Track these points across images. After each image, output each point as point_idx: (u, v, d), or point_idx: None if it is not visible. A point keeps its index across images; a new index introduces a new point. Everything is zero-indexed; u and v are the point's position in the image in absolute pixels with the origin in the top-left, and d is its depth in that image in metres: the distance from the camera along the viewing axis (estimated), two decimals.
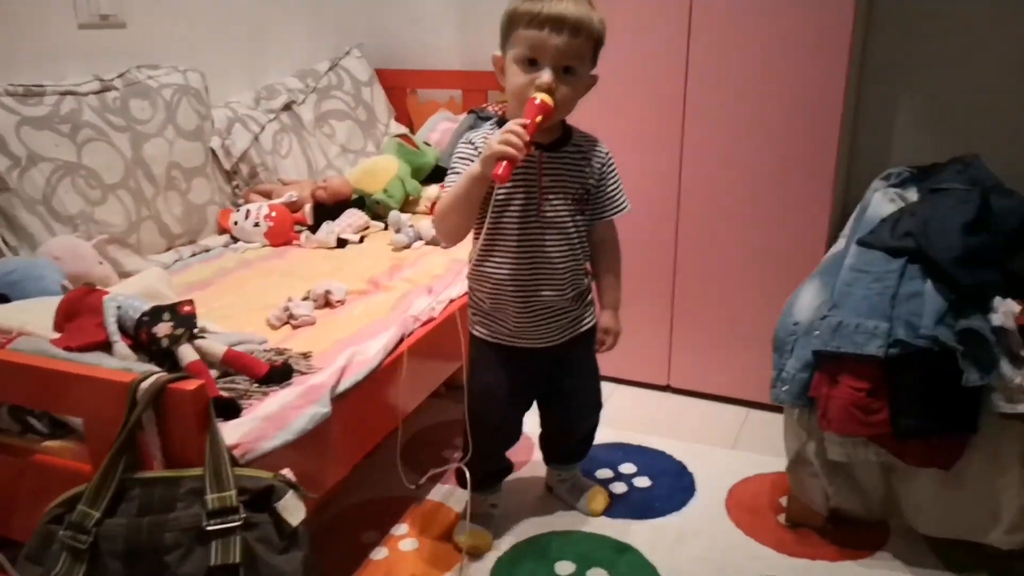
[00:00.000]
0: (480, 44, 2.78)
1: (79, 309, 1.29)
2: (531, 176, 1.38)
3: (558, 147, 1.41)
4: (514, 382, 1.50)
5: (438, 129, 2.69)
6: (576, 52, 1.30)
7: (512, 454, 1.64)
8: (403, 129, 2.82)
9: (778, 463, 1.76)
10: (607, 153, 1.46)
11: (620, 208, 1.48)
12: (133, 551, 0.97)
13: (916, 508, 1.49)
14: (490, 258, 1.42)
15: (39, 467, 1.16)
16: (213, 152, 2.21)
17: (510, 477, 1.69)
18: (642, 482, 1.77)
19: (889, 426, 1.38)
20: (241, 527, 0.98)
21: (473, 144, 1.39)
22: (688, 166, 2.02)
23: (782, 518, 1.64)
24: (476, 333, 1.51)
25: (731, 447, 1.93)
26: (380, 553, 1.56)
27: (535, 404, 1.62)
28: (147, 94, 2.02)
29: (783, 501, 1.67)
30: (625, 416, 2.07)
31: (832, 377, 1.42)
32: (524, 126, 1.24)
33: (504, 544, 1.57)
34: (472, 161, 1.34)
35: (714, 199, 2.02)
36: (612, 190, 1.46)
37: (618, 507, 1.68)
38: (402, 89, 2.91)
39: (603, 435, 1.94)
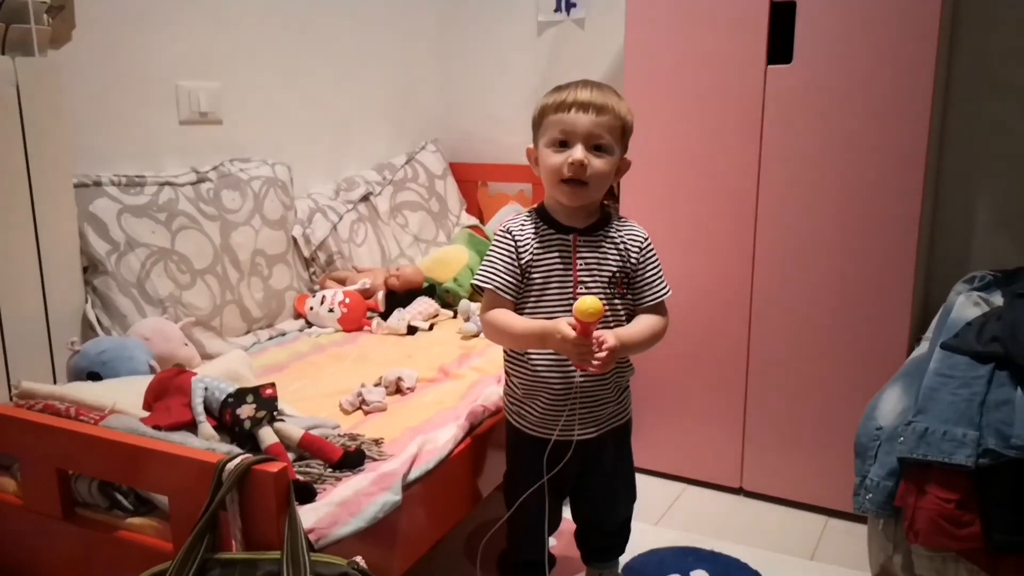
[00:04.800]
0: None
1: (168, 389, 1.34)
2: (567, 259, 1.41)
3: (593, 230, 1.43)
4: (548, 474, 1.44)
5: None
6: (604, 128, 1.36)
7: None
8: (474, 220, 2.90)
9: None
10: (646, 238, 1.46)
11: (661, 294, 1.46)
12: None
13: None
14: None
15: (123, 543, 1.18)
16: (294, 240, 2.31)
17: None
18: None
19: (981, 540, 1.31)
20: None
21: (511, 233, 1.42)
22: (761, 263, 2.02)
23: None
24: (511, 421, 1.51)
25: (810, 557, 1.84)
26: None
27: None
28: (238, 185, 2.14)
29: None
30: (696, 519, 2.01)
31: (919, 486, 1.36)
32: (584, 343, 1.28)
33: None
34: (510, 254, 1.40)
35: (789, 297, 2.00)
36: (651, 276, 1.45)
37: None
38: (473, 182, 3.01)
39: (672, 538, 1.89)
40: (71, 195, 1.74)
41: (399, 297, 2.28)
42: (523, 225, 1.43)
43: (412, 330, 2.14)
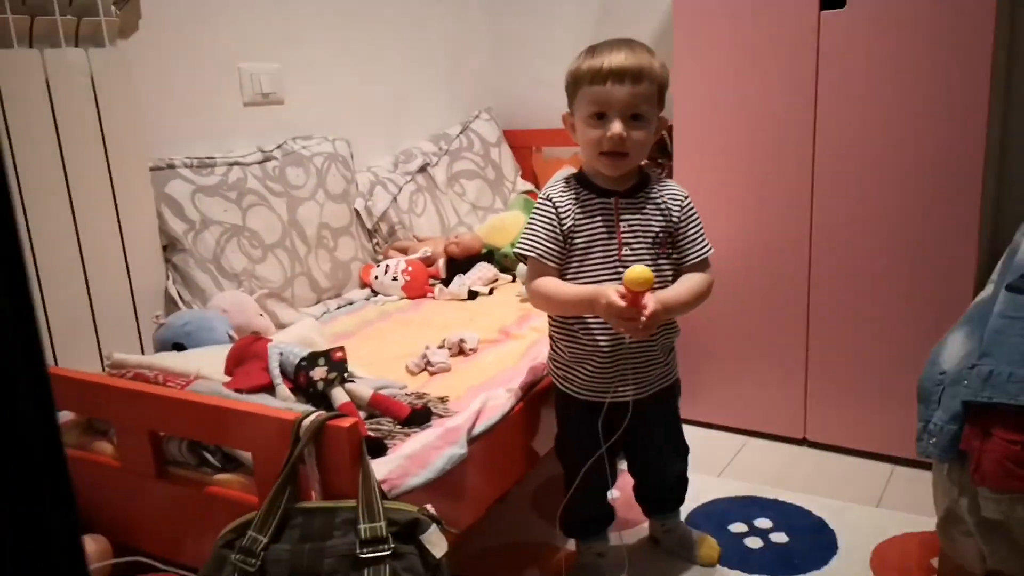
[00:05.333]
0: None
1: (246, 355, 1.42)
2: (610, 222, 1.41)
3: (634, 192, 1.43)
4: (594, 435, 1.43)
5: None
6: (642, 99, 1.35)
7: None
8: (529, 186, 2.93)
9: (927, 522, 1.67)
10: (686, 197, 1.46)
11: (704, 252, 1.45)
12: (296, 574, 1.05)
13: None
14: None
15: (211, 498, 1.28)
16: (357, 213, 2.39)
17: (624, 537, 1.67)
18: (779, 538, 1.72)
19: None
20: (390, 556, 1.05)
21: (551, 200, 1.43)
22: (821, 207, 1.99)
23: None
24: (557, 385, 1.52)
25: (875, 504, 1.84)
26: None
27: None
28: (301, 162, 2.22)
29: (934, 562, 1.58)
30: (758, 470, 2.02)
31: (984, 429, 1.35)
32: (632, 312, 1.28)
33: None
34: (551, 220, 1.40)
35: (850, 243, 1.97)
36: (693, 234, 1.44)
37: (754, 563, 1.64)
38: (527, 148, 3.03)
39: (735, 488, 1.91)
40: (147, 178, 1.84)
41: (459, 264, 2.34)
42: (563, 191, 1.43)
43: (473, 295, 2.20)
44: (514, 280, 2.32)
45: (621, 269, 1.37)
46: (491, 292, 2.23)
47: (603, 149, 1.36)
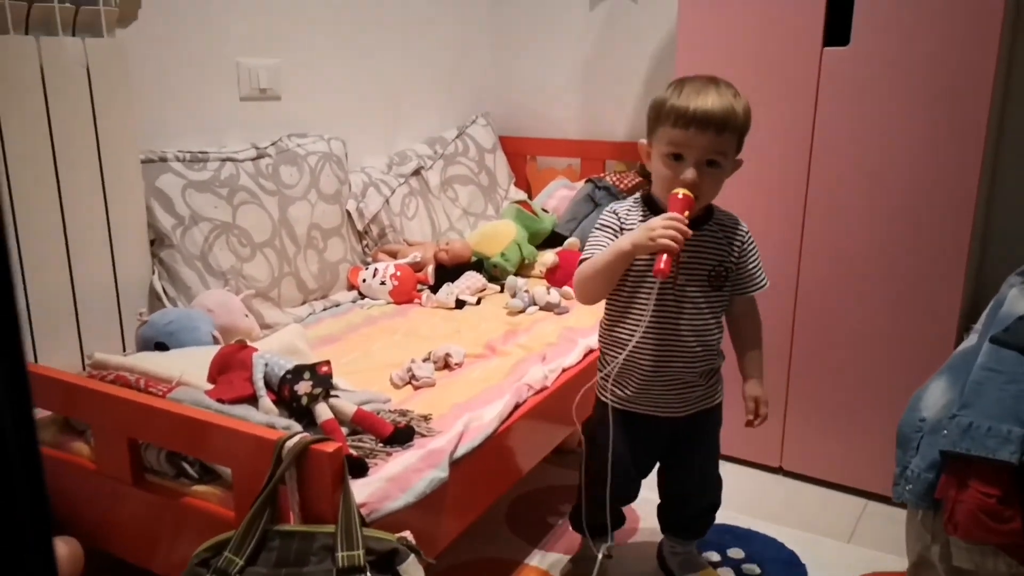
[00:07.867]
0: (599, 115, 2.87)
1: (231, 364, 1.41)
2: None
3: (699, 225, 1.44)
4: (634, 448, 1.52)
5: (556, 196, 2.78)
6: (721, 147, 1.35)
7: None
8: (522, 195, 2.92)
9: (897, 562, 1.69)
10: (747, 232, 1.50)
11: (759, 285, 1.50)
12: None
13: None
14: (622, 324, 1.47)
15: (188, 509, 1.27)
16: (348, 214, 2.37)
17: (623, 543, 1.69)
18: (751, 569, 1.73)
19: (1022, 535, 1.31)
20: None
21: (617, 215, 1.46)
22: (809, 245, 2.00)
23: None
24: (600, 395, 1.54)
25: (847, 540, 1.86)
26: None
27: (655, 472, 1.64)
28: (295, 161, 2.20)
29: None
30: (734, 497, 2.02)
31: (960, 480, 1.36)
32: (681, 221, 1.30)
33: None
34: (615, 232, 1.44)
35: (836, 282, 1.98)
36: (752, 267, 1.49)
37: None
38: (523, 156, 3.02)
39: None
40: (138, 171, 1.82)
41: (448, 271, 2.33)
42: (630, 209, 1.46)
43: (460, 304, 2.19)
44: (502, 290, 2.32)
45: (671, 299, 1.43)
46: (479, 302, 2.23)
47: (674, 190, 1.36)
